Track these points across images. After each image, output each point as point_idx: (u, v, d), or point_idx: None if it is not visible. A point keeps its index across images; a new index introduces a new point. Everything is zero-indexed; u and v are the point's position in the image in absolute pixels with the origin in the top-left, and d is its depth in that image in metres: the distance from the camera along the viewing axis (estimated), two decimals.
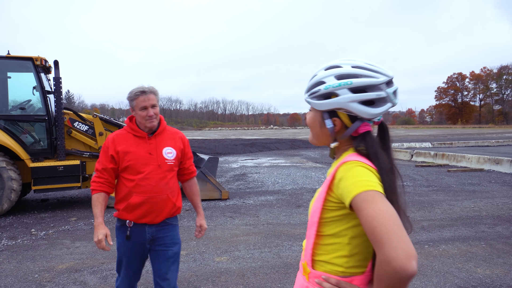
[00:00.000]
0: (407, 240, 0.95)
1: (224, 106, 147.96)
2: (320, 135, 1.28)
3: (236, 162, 15.80)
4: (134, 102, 2.38)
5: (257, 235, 5.39)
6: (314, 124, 1.28)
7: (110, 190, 2.44)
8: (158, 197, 2.38)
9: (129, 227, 2.41)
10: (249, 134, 48.13)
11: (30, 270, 4.18)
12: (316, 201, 1.22)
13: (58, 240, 5.33)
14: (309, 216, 1.26)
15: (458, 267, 4.07)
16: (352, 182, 1.07)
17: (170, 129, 2.59)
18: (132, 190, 2.36)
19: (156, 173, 2.38)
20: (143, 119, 2.37)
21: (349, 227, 1.17)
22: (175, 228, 2.56)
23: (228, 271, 4.09)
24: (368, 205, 1.02)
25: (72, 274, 4.06)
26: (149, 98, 2.36)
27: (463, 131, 55.63)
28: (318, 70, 1.25)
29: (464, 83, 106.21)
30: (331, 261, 1.19)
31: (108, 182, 2.42)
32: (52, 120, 7.20)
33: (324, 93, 1.20)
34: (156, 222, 2.41)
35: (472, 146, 22.42)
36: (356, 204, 1.04)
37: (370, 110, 1.16)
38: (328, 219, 1.18)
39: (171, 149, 2.47)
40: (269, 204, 7.48)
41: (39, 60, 7.09)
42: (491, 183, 9.56)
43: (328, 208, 1.18)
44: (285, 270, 4.07)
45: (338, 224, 1.17)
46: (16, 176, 6.70)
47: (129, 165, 2.35)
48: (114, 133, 2.48)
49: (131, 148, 2.38)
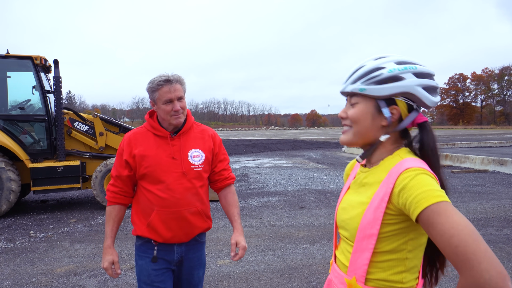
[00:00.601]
0: (495, 258, 0.86)
1: (225, 106, 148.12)
2: (369, 129, 1.15)
3: (237, 163, 15.69)
4: (156, 94, 1.92)
5: (260, 238, 5.29)
6: (365, 116, 1.14)
7: (126, 201, 2.04)
8: (186, 211, 1.95)
9: (156, 246, 1.97)
10: (250, 135, 48.03)
11: (27, 274, 4.07)
12: (370, 211, 1.08)
13: (57, 242, 5.23)
14: (354, 227, 1.12)
15: None
16: (419, 192, 0.98)
17: (198, 126, 2.13)
18: (153, 204, 1.93)
19: (181, 182, 1.94)
20: (167, 115, 1.93)
21: (406, 241, 1.08)
22: (203, 247, 2.15)
23: (231, 275, 3.98)
24: (442, 219, 0.92)
25: (71, 277, 3.96)
26: (175, 89, 1.91)
27: (464, 132, 55.49)
28: (366, 61, 1.17)
29: (466, 84, 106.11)
30: (388, 279, 1.10)
31: (124, 192, 2.01)
32: (51, 120, 7.10)
33: (387, 77, 1.10)
34: (185, 240, 2.00)
35: (474, 147, 22.28)
36: (426, 218, 0.95)
37: (432, 97, 1.12)
38: (385, 234, 1.07)
39: (198, 151, 2.02)
40: (272, 206, 7.37)
41: (38, 59, 6.99)
42: (496, 185, 9.43)
43: (385, 222, 1.06)
44: (289, 274, 3.97)
45: (395, 239, 1.07)
46: (15, 177, 6.60)
47: (147, 172, 1.92)
48: (131, 132, 2.04)
49: (149, 151, 1.95)
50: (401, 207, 1.02)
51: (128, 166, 1.97)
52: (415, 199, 0.97)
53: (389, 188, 1.04)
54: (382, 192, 1.07)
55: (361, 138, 1.17)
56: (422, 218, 0.96)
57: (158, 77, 1.93)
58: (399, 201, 1.02)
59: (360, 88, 1.13)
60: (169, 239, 1.95)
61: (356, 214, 1.13)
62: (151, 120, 2.03)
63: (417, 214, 0.96)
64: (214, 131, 2.18)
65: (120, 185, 1.99)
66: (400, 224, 1.06)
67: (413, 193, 0.98)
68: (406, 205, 1.00)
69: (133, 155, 1.95)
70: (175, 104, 1.92)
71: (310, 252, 4.63)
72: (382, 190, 1.07)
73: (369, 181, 1.15)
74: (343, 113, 1.20)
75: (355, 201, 1.17)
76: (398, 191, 1.02)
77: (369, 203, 1.10)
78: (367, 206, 1.10)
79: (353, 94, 1.16)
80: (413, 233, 1.07)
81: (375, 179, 1.13)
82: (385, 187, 1.06)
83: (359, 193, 1.18)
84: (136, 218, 2.01)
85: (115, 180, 2.00)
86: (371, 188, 1.13)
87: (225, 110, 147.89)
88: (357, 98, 1.15)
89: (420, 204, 0.95)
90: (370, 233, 1.07)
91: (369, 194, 1.12)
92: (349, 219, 1.15)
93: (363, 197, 1.14)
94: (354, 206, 1.15)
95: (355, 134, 1.17)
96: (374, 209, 1.07)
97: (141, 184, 1.98)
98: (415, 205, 0.97)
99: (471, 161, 13.20)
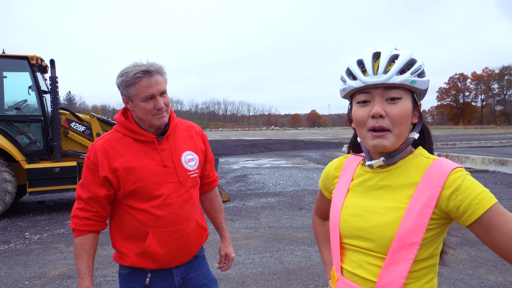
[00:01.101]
0: None
1: (225, 107, 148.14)
2: (407, 129, 1.03)
3: (237, 163, 15.62)
4: (132, 90, 1.53)
5: (258, 239, 5.22)
6: (409, 115, 1.01)
7: (101, 228, 1.64)
8: (187, 228, 1.65)
9: (149, 272, 1.65)
10: (250, 135, 47.97)
11: (21, 277, 4.00)
12: (411, 218, 0.97)
13: (52, 244, 5.16)
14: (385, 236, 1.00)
15: (468, 274, 3.88)
16: (476, 193, 0.93)
17: (181, 123, 1.80)
18: (147, 225, 1.58)
19: (179, 193, 1.62)
20: (148, 114, 1.56)
21: (437, 245, 1.03)
22: (205, 261, 1.86)
23: (227, 277, 3.91)
24: (505, 219, 0.91)
25: (65, 280, 3.89)
26: (156, 82, 1.54)
27: (465, 131, 55.42)
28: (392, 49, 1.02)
29: (466, 84, 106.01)
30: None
31: (99, 216, 1.60)
32: (48, 121, 7.04)
33: (423, 70, 1.02)
34: (186, 261, 1.72)
35: (475, 147, 22.20)
36: (487, 220, 0.92)
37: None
38: (425, 241, 0.99)
39: (192, 154, 1.71)
40: (270, 207, 7.30)
41: (34, 59, 6.94)
42: (497, 185, 9.36)
43: (429, 227, 0.98)
44: (287, 277, 3.89)
45: (431, 244, 1.00)
46: (11, 178, 6.54)
47: (136, 188, 1.56)
48: (103, 140, 1.61)
49: (134, 161, 1.57)
50: (450, 210, 0.96)
51: (107, 183, 1.57)
52: (474, 201, 0.92)
53: (436, 191, 0.96)
54: (425, 197, 0.97)
55: (402, 140, 1.03)
56: (483, 220, 0.92)
57: (132, 67, 1.54)
58: (449, 204, 0.95)
59: (412, 80, 0.98)
60: (167, 263, 1.64)
61: (388, 221, 0.99)
62: (128, 122, 1.62)
63: (478, 217, 0.92)
64: (198, 126, 1.89)
65: (95, 208, 1.58)
66: (439, 228, 1.00)
67: (470, 195, 0.93)
68: (460, 208, 0.94)
69: (114, 169, 1.55)
70: (158, 101, 1.55)
71: (309, 254, 4.56)
72: (424, 193, 0.97)
73: (392, 183, 1.03)
74: (383, 111, 0.99)
75: (377, 206, 1.03)
76: (449, 194, 0.95)
77: (406, 209, 0.98)
78: (404, 212, 0.98)
79: (396, 87, 0.99)
80: (442, 236, 1.03)
81: (403, 181, 1.02)
82: (430, 191, 0.96)
83: (377, 197, 1.05)
84: (120, 245, 1.63)
85: (87, 203, 1.58)
86: (400, 191, 1.01)
87: (225, 110, 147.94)
88: (401, 92, 0.99)
89: (481, 206, 0.92)
90: (412, 241, 0.96)
91: (401, 198, 1.00)
92: (374, 227, 1.01)
93: (391, 201, 1.02)
94: (380, 213, 1.02)
95: (399, 137, 1.01)
96: (416, 215, 0.96)
97: (125, 203, 1.60)
98: (474, 207, 0.92)
99: (472, 161, 13.13)
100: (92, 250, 1.60)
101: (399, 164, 1.06)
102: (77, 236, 1.59)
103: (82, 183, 1.60)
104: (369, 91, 1.02)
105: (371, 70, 1.00)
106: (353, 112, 1.07)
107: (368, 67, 1.01)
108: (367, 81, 1.00)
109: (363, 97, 1.03)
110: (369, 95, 1.02)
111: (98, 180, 1.57)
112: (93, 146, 1.61)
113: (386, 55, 1.00)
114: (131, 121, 1.63)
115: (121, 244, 1.63)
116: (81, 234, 1.58)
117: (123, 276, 1.67)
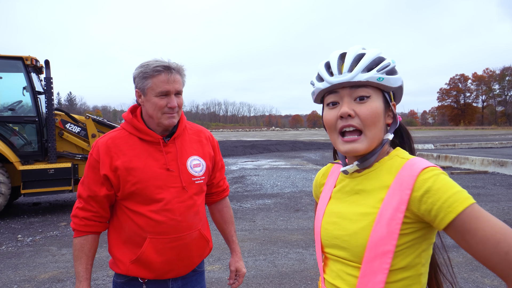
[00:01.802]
0: None
1: (226, 107, 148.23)
2: (380, 130, 0.98)
3: (235, 164, 15.57)
4: (149, 82, 1.49)
5: (252, 241, 5.16)
6: (381, 115, 0.97)
7: (102, 229, 1.59)
8: (188, 237, 1.56)
9: (143, 284, 1.57)
10: (250, 136, 47.91)
11: (10, 280, 3.95)
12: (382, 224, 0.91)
13: (44, 247, 5.11)
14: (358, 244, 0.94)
15: (464, 277, 3.82)
16: (449, 195, 0.86)
17: (191, 126, 1.73)
18: (144, 230, 1.50)
19: (181, 199, 1.54)
20: (159, 111, 1.51)
21: (420, 253, 0.93)
22: (203, 278, 1.76)
23: (219, 281, 3.86)
24: (481, 223, 0.82)
25: (54, 284, 3.83)
26: (174, 80, 1.50)
27: (465, 132, 55.32)
28: (358, 49, 0.99)
29: (467, 85, 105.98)
30: None
31: (99, 216, 1.55)
32: (42, 122, 6.99)
33: (392, 68, 0.98)
34: (184, 274, 1.62)
35: (475, 148, 22.12)
36: (461, 224, 0.84)
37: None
38: (400, 248, 0.91)
39: (198, 159, 1.63)
40: (267, 208, 7.24)
41: (29, 60, 6.89)
42: (496, 186, 9.29)
43: (402, 232, 0.91)
44: (279, 281, 3.84)
45: (409, 252, 0.92)
46: (4, 180, 6.49)
47: (136, 190, 1.49)
48: (108, 137, 1.57)
49: (137, 161, 1.51)
50: (423, 214, 0.88)
51: (108, 182, 1.51)
52: (446, 204, 0.85)
53: (406, 194, 0.90)
54: (395, 201, 0.91)
55: (375, 143, 0.98)
56: (456, 224, 0.84)
57: (154, 61, 1.50)
58: (420, 207, 0.88)
59: (379, 77, 0.94)
60: (163, 274, 1.54)
61: (360, 228, 0.94)
62: (135, 120, 1.57)
63: (450, 220, 0.84)
64: (209, 132, 1.79)
65: (95, 208, 1.53)
66: (415, 233, 0.92)
67: (442, 197, 0.86)
68: (432, 211, 0.86)
69: (115, 168, 1.49)
70: (171, 99, 1.50)
71: (303, 257, 4.50)
72: (394, 197, 0.91)
73: (366, 187, 0.99)
74: (352, 111, 0.95)
75: (351, 212, 0.99)
76: (419, 196, 0.88)
77: (377, 214, 0.93)
78: (375, 218, 0.93)
79: (363, 85, 0.96)
80: (425, 243, 0.94)
81: (376, 185, 0.97)
82: (400, 194, 0.91)
83: (353, 202, 1.00)
84: (116, 250, 1.56)
85: (87, 202, 1.53)
86: (372, 195, 0.97)
87: (225, 111, 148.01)
88: (369, 91, 0.96)
89: (454, 209, 0.84)
90: (385, 250, 0.90)
91: (372, 203, 0.96)
92: (348, 235, 0.97)
93: (364, 206, 0.97)
94: (353, 220, 0.97)
95: (372, 139, 0.96)
96: (387, 221, 0.91)
97: (124, 205, 1.53)
98: (446, 210, 0.84)
99: (471, 162, 13.06)
100: (92, 252, 1.55)
101: (374, 167, 1.01)
102: (76, 237, 1.54)
103: (84, 181, 1.55)
104: (337, 91, 0.99)
105: (336, 70, 0.98)
106: (323, 115, 1.04)
107: (333, 67, 0.99)
108: (333, 80, 0.98)
109: (331, 98, 1.00)
110: (337, 96, 0.99)
111: (99, 179, 1.51)
112: (96, 143, 1.57)
113: (352, 54, 0.98)
114: (139, 120, 1.58)
115: (117, 248, 1.56)
116: (80, 235, 1.53)
117: (117, 285, 1.61)
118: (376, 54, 0.97)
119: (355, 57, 0.97)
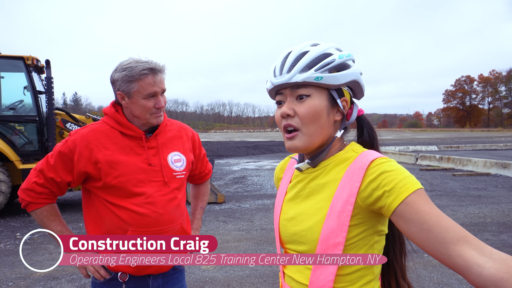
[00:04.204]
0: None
1: (231, 108, 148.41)
2: (325, 127, 0.99)
3: (237, 165, 15.59)
4: (135, 86, 1.49)
5: (249, 241, 5.16)
6: (322, 112, 0.97)
7: (55, 201, 1.62)
8: (169, 231, 1.57)
9: (123, 283, 1.56)
10: (254, 137, 47.94)
11: (6, 278, 3.98)
12: (333, 217, 0.93)
13: (42, 245, 5.14)
14: (314, 239, 0.95)
15: (458, 279, 3.80)
16: (400, 179, 0.87)
17: (172, 122, 1.76)
18: (126, 223, 1.50)
19: (162, 193, 1.56)
20: (147, 113, 1.53)
21: (372, 244, 0.96)
22: (184, 276, 1.76)
23: (213, 280, 3.86)
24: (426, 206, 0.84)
25: (49, 282, 3.86)
26: (160, 80, 1.53)
27: (471, 134, 54.96)
28: (302, 47, 0.99)
29: (473, 86, 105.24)
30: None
31: (54, 194, 1.58)
32: (43, 121, 7.04)
33: (338, 64, 0.97)
34: (164, 270, 1.63)
35: (479, 150, 21.99)
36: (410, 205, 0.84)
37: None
38: (351, 241, 0.93)
39: (179, 155, 1.66)
40: (265, 208, 7.24)
41: (30, 60, 6.94)
42: (497, 188, 9.22)
43: (352, 223, 0.92)
44: (273, 280, 3.84)
45: (362, 244, 0.94)
46: (5, 178, 6.54)
47: (118, 183, 1.50)
48: (88, 129, 1.56)
49: (119, 155, 1.52)
50: (371, 201, 0.90)
51: (84, 174, 1.52)
52: (396, 187, 0.86)
53: (355, 186, 0.91)
54: (345, 193, 0.92)
55: (317, 140, 0.98)
56: (405, 206, 0.84)
57: (135, 62, 1.50)
58: (371, 194, 0.89)
59: (317, 77, 0.95)
60: (144, 268, 1.55)
61: (314, 223, 0.96)
62: (117, 115, 1.57)
63: (399, 203, 0.84)
64: (191, 128, 1.83)
65: (54, 188, 1.55)
66: (365, 225, 0.94)
67: (392, 181, 0.87)
68: (381, 197, 0.87)
69: (95, 161, 1.49)
70: (159, 100, 1.53)
71: None
72: (344, 190, 0.93)
73: (320, 182, 1.00)
74: (290, 110, 0.97)
75: (306, 207, 1.00)
76: (367, 184, 0.90)
77: (329, 207, 0.94)
78: (327, 211, 0.94)
79: (303, 85, 0.97)
80: (376, 235, 0.96)
81: (328, 179, 0.99)
82: (349, 187, 0.92)
83: (307, 197, 1.02)
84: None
85: (48, 181, 1.52)
86: (325, 189, 0.98)
87: (230, 112, 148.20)
88: (309, 90, 0.97)
89: (404, 191, 0.85)
90: (335, 242, 0.92)
91: (325, 197, 0.97)
92: (304, 230, 0.98)
93: (318, 201, 0.98)
94: (309, 214, 0.98)
95: (311, 136, 0.97)
96: (338, 213, 0.92)
97: (105, 198, 1.52)
98: (396, 193, 0.85)
99: (474, 164, 12.96)
100: (59, 214, 1.59)
101: (327, 162, 1.02)
102: (38, 208, 1.54)
103: (49, 162, 1.52)
104: (282, 92, 1.01)
105: (278, 71, 1.00)
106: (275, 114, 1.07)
107: (276, 68, 1.01)
108: (275, 82, 1.00)
109: (278, 98, 1.03)
110: (282, 96, 1.02)
111: (71, 168, 1.52)
112: (76, 133, 1.55)
113: (294, 54, 0.99)
114: (121, 115, 1.58)
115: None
116: (41, 205, 1.54)
117: (96, 286, 1.60)
118: (320, 51, 0.97)
119: (297, 56, 0.98)
